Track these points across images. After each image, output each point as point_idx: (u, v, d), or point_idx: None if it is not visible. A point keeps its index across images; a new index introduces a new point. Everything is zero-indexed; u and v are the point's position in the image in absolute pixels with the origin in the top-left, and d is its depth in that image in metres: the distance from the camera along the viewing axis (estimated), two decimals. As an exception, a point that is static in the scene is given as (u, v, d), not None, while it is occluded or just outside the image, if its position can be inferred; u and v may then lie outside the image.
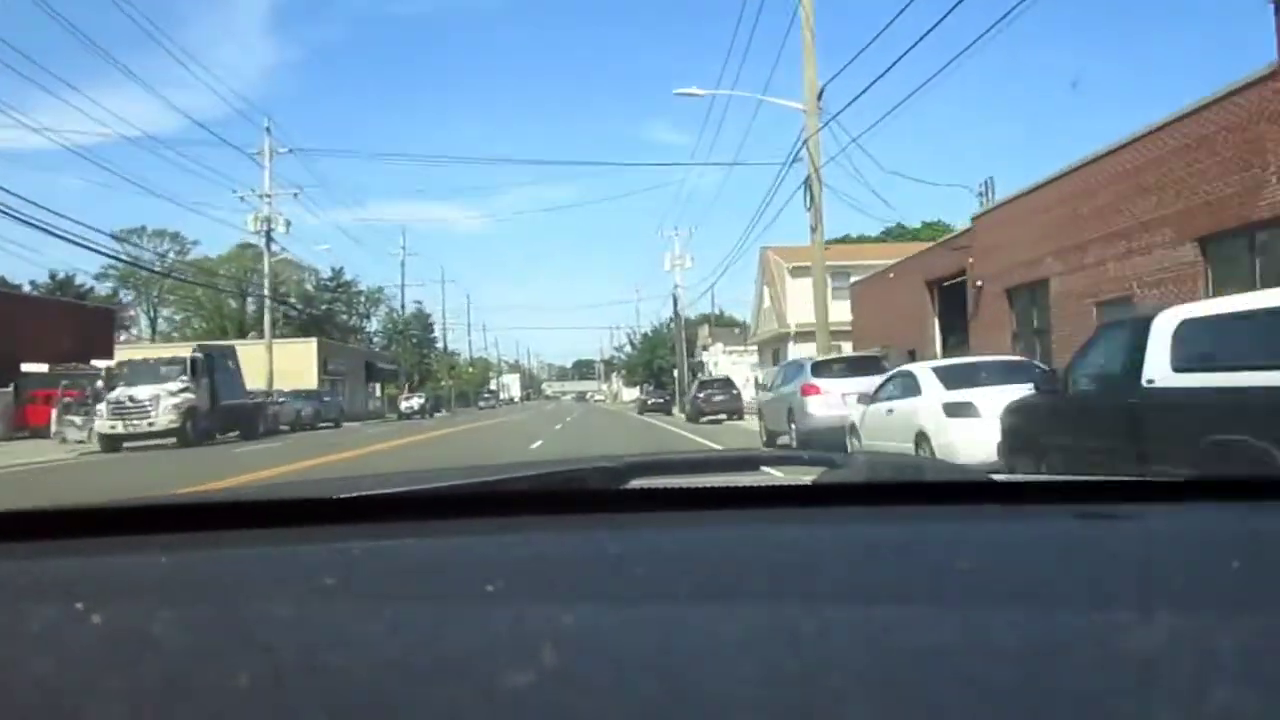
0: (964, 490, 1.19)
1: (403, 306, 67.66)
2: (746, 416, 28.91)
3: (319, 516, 1.02)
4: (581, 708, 0.54)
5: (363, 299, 70.37)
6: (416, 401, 56.78)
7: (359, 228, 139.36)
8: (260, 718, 0.55)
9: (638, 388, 73.77)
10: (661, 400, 48.82)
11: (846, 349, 27.41)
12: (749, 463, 1.46)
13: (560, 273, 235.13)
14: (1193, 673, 0.56)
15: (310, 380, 46.21)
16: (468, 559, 0.88)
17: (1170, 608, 0.66)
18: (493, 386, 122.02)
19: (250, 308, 67.57)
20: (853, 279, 32.29)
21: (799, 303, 35.51)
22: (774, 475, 1.73)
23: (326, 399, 42.26)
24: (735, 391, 32.84)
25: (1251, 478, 1.13)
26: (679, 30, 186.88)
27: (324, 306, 69.90)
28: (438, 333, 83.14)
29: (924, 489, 1.23)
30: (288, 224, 39.79)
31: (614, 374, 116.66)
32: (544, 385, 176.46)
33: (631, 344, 77.42)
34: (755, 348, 49.47)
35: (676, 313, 54.05)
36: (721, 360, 54.84)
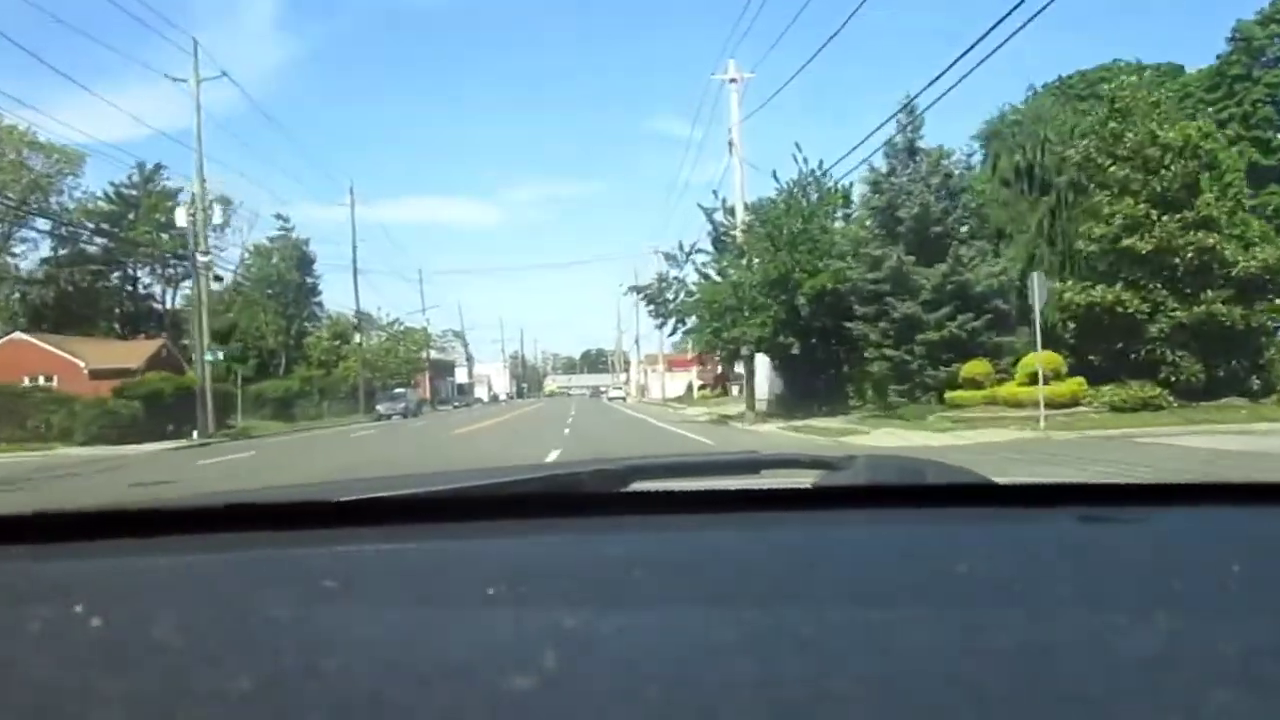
0: (965, 493, 1.19)
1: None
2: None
3: (319, 520, 1.02)
4: (582, 711, 0.54)
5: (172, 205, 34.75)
6: None
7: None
8: None
9: (695, 370, 39.19)
10: None
11: None
12: (749, 465, 1.47)
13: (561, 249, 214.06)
14: (1193, 676, 0.56)
15: None
16: (468, 562, 0.88)
17: (1171, 611, 0.66)
18: (461, 380, 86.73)
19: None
20: None
21: None
22: (774, 478, 1.73)
23: None
24: None
25: (1252, 483, 1.14)
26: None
27: (111, 224, 41.94)
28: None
29: (925, 491, 1.23)
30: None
31: (646, 348, 67.80)
32: (546, 380, 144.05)
33: (720, 239, 26.73)
34: None
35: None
36: None
